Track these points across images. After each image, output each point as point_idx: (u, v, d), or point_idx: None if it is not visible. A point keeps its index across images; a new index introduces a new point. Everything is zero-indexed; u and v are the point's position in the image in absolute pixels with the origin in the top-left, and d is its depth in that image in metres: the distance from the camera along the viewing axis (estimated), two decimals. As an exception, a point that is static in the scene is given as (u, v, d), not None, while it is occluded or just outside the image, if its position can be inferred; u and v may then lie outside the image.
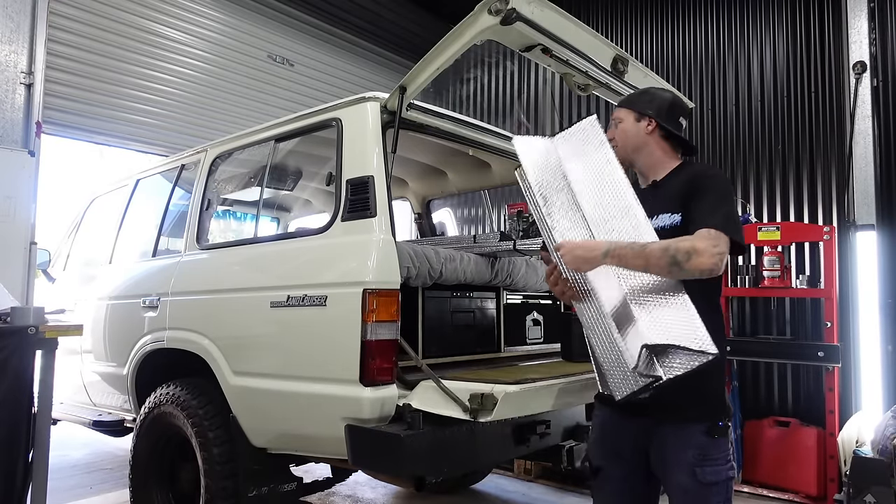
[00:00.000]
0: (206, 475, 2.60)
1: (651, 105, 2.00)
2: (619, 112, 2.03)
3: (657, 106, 2.00)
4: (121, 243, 3.84)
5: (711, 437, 1.80)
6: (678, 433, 1.81)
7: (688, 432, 1.80)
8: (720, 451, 1.81)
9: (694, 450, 1.78)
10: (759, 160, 4.87)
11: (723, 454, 1.81)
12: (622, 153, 1.98)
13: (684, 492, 1.80)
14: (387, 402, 2.16)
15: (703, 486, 1.78)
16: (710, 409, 1.83)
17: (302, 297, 2.36)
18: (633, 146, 1.98)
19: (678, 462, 1.80)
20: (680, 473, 1.79)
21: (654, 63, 5.50)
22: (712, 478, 1.78)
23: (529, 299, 3.49)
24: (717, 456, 1.80)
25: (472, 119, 3.16)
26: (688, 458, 1.78)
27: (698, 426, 1.80)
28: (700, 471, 1.77)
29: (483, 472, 4.25)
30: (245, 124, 4.87)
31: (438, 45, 2.20)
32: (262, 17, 6.08)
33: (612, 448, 1.96)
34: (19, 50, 4.41)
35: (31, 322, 2.46)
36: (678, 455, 1.80)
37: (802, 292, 4.32)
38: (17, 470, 2.44)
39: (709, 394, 1.85)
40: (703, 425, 1.80)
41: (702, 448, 1.79)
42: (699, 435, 1.79)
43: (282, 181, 3.98)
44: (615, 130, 2.01)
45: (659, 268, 1.65)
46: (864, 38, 4.40)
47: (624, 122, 2.00)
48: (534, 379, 2.27)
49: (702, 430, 1.80)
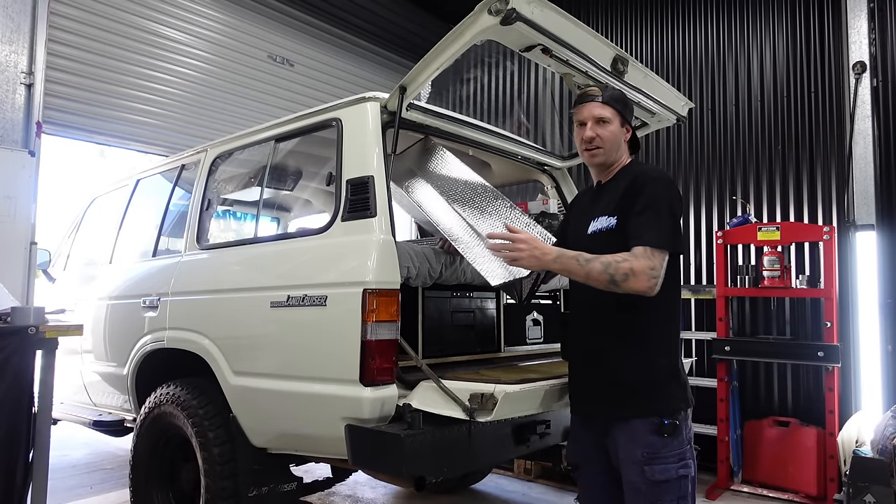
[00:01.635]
0: (206, 475, 2.60)
1: (630, 113, 2.07)
2: (606, 111, 1.97)
3: (631, 113, 2.09)
4: (121, 243, 3.84)
5: (661, 436, 1.82)
6: (627, 432, 1.85)
7: (636, 431, 1.84)
8: (671, 449, 1.82)
9: (643, 448, 1.82)
10: (759, 160, 4.87)
11: (675, 453, 1.83)
12: (605, 155, 1.98)
13: (636, 490, 1.83)
14: (387, 402, 2.16)
15: (652, 485, 1.80)
16: (654, 406, 1.85)
17: (302, 297, 2.36)
18: (615, 148, 1.99)
19: (628, 460, 1.84)
20: (630, 472, 1.84)
21: (654, 63, 5.50)
22: (661, 476, 1.80)
23: (529, 299, 3.49)
24: (668, 455, 1.82)
25: (473, 119, 3.16)
26: (637, 456, 1.82)
27: (644, 424, 1.83)
28: (649, 469, 1.80)
29: (483, 472, 4.25)
30: (245, 124, 4.87)
31: (438, 45, 2.20)
32: (262, 17, 6.08)
33: (582, 450, 2.04)
34: (19, 50, 4.41)
35: (32, 322, 2.46)
36: (628, 454, 1.84)
37: (802, 292, 4.32)
38: (18, 469, 2.44)
39: (652, 392, 1.87)
40: (648, 423, 1.82)
41: (651, 447, 1.82)
42: (647, 434, 1.82)
43: (282, 181, 3.98)
44: (601, 129, 1.96)
45: (599, 283, 1.79)
46: (864, 38, 4.40)
47: (612, 124, 1.97)
48: (534, 379, 2.28)
49: (649, 429, 1.82)
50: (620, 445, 1.87)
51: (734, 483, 4.35)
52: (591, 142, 1.96)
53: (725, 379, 4.45)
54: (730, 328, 4.65)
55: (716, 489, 4.27)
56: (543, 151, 3.55)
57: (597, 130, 1.96)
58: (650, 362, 1.88)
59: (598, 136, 1.96)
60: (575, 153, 3.55)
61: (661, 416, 1.83)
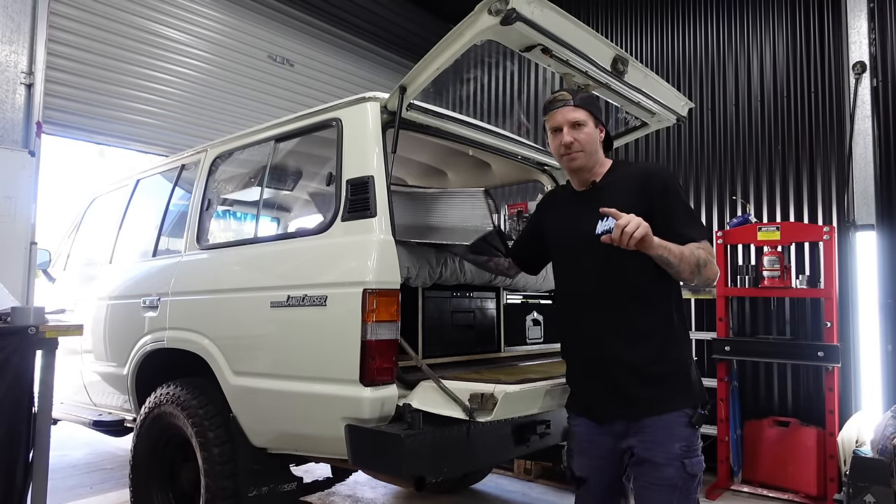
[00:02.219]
0: (206, 475, 2.60)
1: (601, 113, 2.05)
2: (580, 114, 1.95)
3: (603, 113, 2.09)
4: (121, 243, 3.84)
5: (693, 428, 1.84)
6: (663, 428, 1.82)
7: (672, 425, 1.82)
8: (697, 440, 1.86)
9: (680, 442, 1.81)
10: (759, 160, 4.87)
11: (699, 445, 1.86)
12: (585, 158, 1.97)
13: (671, 487, 1.80)
14: (387, 402, 2.16)
15: (689, 478, 1.81)
16: (686, 399, 1.86)
17: (302, 297, 2.36)
18: (594, 150, 1.99)
19: (667, 456, 1.81)
20: (667, 469, 1.80)
21: (654, 63, 5.50)
22: (697, 468, 1.82)
23: (529, 299, 3.49)
24: (697, 446, 1.85)
25: (473, 119, 3.16)
26: (675, 451, 1.80)
27: (678, 417, 1.83)
28: (689, 462, 1.80)
29: (483, 472, 4.25)
30: (245, 124, 4.87)
31: (438, 45, 2.20)
32: (262, 17, 6.08)
33: (595, 458, 1.96)
34: (20, 50, 4.42)
35: (32, 322, 2.46)
36: (667, 450, 1.81)
37: (802, 292, 4.32)
38: (18, 469, 2.44)
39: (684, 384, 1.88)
40: (682, 416, 1.83)
41: (687, 440, 1.82)
42: (682, 427, 1.82)
43: (282, 181, 3.97)
44: (577, 133, 1.94)
45: (688, 265, 1.77)
46: (863, 39, 4.40)
47: (587, 126, 1.96)
48: (534, 379, 2.28)
49: (683, 422, 1.83)
50: (656, 442, 1.82)
51: (734, 483, 4.35)
52: (570, 147, 1.94)
53: (725, 379, 4.45)
54: (730, 328, 4.65)
55: (716, 489, 4.27)
56: (543, 151, 3.55)
57: (573, 135, 1.94)
58: (681, 354, 1.90)
59: (576, 140, 1.94)
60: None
61: (694, 408, 1.85)
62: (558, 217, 2.14)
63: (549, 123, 2.01)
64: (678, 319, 1.94)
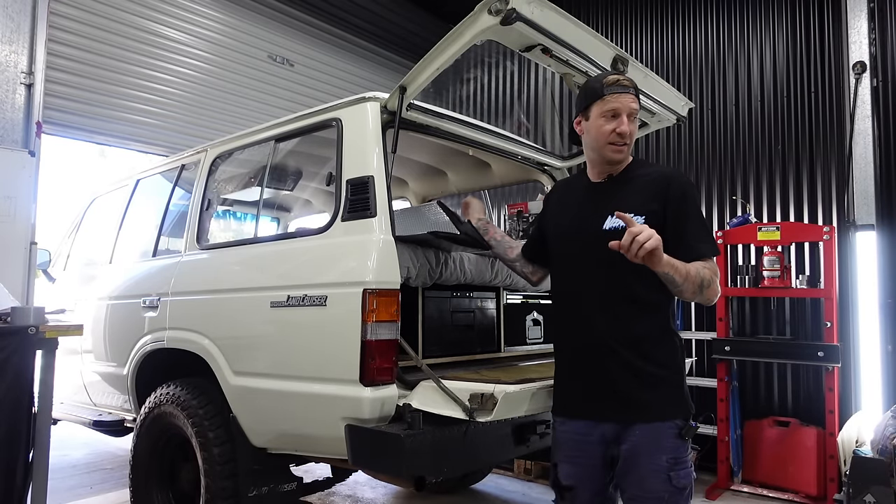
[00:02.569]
0: (206, 475, 2.60)
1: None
2: (637, 105, 1.89)
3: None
4: (121, 243, 3.84)
5: (682, 440, 1.79)
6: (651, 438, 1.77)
7: (660, 435, 1.77)
8: (687, 452, 1.80)
9: (668, 454, 1.76)
10: (759, 160, 4.87)
11: (688, 456, 1.81)
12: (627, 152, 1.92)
13: (657, 500, 1.75)
14: (387, 402, 2.16)
15: (676, 491, 1.76)
16: (677, 409, 1.82)
17: (302, 297, 2.36)
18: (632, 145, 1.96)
19: (652, 468, 1.76)
20: (653, 480, 1.76)
21: (654, 63, 5.50)
22: (685, 481, 1.77)
23: (529, 299, 3.49)
24: (685, 458, 1.79)
25: (473, 119, 3.16)
26: (661, 463, 1.75)
27: (668, 428, 1.78)
28: (675, 475, 1.75)
29: (483, 472, 4.25)
30: (245, 124, 4.88)
31: (438, 45, 2.20)
32: (262, 17, 6.09)
33: (583, 465, 1.89)
34: (19, 50, 4.42)
35: (32, 322, 2.46)
36: (652, 462, 1.76)
37: (802, 292, 4.32)
38: (18, 469, 2.44)
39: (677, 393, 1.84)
40: (672, 426, 1.78)
41: (675, 451, 1.77)
42: (671, 438, 1.77)
43: (282, 181, 3.98)
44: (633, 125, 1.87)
45: (692, 284, 1.72)
46: (864, 39, 4.40)
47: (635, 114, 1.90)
48: (534, 379, 2.27)
49: (673, 433, 1.78)
50: (643, 453, 1.76)
51: (734, 483, 4.35)
52: (625, 136, 1.84)
53: (725, 379, 4.45)
54: (730, 328, 4.65)
55: (716, 489, 4.27)
56: (543, 151, 3.55)
57: (631, 126, 1.86)
58: (676, 361, 1.86)
59: (631, 131, 1.86)
60: (576, 153, 3.52)
61: (685, 419, 1.80)
62: (567, 206, 2.04)
63: (603, 105, 1.85)
64: (675, 327, 1.92)
